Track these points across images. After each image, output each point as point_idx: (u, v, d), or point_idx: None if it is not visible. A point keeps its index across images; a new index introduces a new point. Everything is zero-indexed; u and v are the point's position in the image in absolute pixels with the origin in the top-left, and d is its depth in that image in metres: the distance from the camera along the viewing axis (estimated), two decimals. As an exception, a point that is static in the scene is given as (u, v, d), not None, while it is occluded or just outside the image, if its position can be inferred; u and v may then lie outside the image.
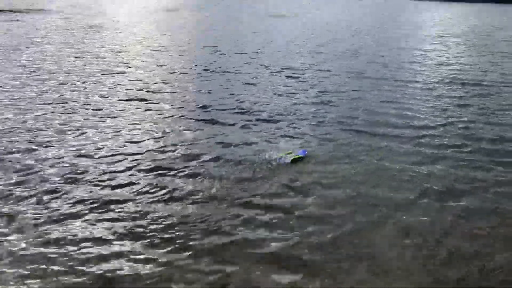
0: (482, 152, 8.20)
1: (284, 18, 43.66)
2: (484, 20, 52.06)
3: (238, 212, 5.78)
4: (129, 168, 7.04)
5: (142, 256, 4.82)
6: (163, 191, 6.30)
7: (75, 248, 4.91)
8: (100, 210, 5.73)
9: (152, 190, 6.31)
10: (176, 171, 6.98)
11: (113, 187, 6.39)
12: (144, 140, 8.31)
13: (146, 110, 10.36)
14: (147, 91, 12.11)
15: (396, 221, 5.67)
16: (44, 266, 4.59)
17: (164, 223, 5.48)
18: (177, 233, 5.27)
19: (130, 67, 15.57)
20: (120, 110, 10.22)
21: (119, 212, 5.72)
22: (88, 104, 10.58)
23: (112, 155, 7.56)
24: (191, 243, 5.08)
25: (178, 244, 5.04)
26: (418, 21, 47.54)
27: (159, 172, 6.94)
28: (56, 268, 4.57)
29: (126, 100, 11.10)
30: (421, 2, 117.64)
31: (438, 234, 5.40)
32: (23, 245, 4.92)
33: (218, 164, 7.28)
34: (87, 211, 5.70)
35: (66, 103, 10.63)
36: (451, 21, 48.47)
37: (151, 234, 5.23)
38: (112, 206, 5.84)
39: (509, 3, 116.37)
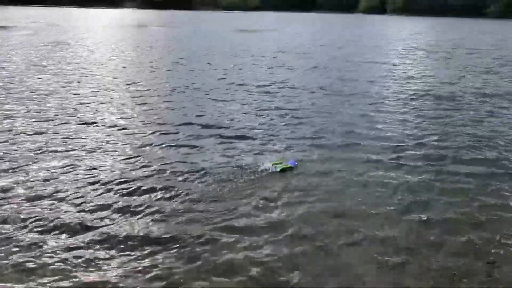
0: (457, 162, 8.33)
1: (255, 33, 44.00)
2: (450, 33, 54.04)
3: (217, 231, 5.51)
4: (105, 189, 6.69)
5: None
6: (144, 209, 6.03)
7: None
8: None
9: (133, 209, 6.03)
10: (153, 188, 6.74)
11: (86, 210, 6.01)
12: (117, 160, 7.94)
13: (116, 128, 9.97)
14: (117, 108, 11.72)
15: (374, 235, 5.54)
16: None
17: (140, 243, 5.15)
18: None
19: (100, 85, 15.11)
20: (90, 129, 9.81)
21: (92, 237, 5.34)
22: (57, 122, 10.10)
23: (83, 175, 7.18)
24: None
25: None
26: (387, 34, 48.88)
27: (135, 190, 6.65)
28: None
29: (96, 118, 10.69)
30: (391, 16, 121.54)
31: (417, 247, 5.30)
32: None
33: (201, 176, 7.19)
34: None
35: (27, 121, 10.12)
36: (419, 35, 50.05)
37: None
38: (85, 229, 5.47)
39: (478, 17, 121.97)
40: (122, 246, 5.19)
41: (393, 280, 4.72)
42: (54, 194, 6.48)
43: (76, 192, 6.58)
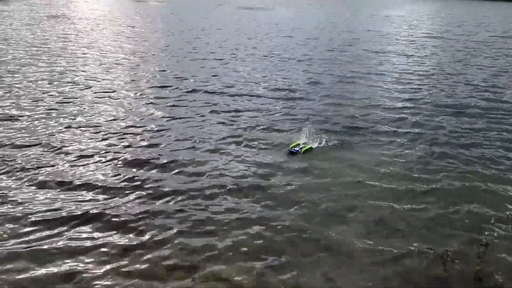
0: (467, 147, 8.46)
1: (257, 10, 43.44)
2: (453, 16, 53.39)
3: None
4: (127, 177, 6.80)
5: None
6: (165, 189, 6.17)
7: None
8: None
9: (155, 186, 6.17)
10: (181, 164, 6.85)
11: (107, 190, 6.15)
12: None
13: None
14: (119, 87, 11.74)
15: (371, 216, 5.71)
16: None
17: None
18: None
19: (101, 65, 15.05)
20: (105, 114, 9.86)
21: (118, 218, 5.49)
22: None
23: (100, 159, 7.29)
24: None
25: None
26: (391, 17, 48.26)
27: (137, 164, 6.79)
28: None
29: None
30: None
31: (412, 228, 5.48)
32: None
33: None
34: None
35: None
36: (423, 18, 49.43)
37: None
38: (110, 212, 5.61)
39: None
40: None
41: (386, 258, 4.90)
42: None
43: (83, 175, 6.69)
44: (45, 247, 4.82)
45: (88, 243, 4.94)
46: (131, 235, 5.12)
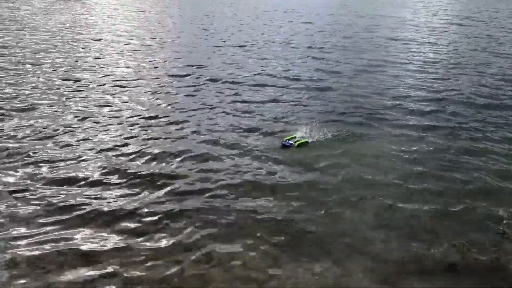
0: (479, 140, 8.19)
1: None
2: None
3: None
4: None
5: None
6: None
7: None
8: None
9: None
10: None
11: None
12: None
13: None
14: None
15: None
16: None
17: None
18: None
19: (116, 52, 15.13)
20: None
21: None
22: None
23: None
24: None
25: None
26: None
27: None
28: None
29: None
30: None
31: (425, 215, 5.41)
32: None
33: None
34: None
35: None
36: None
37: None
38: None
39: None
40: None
41: (400, 246, 4.87)
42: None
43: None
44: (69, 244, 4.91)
45: (108, 235, 5.01)
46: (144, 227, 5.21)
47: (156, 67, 12.61)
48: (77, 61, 12.65)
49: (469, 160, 7.19)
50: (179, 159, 6.81)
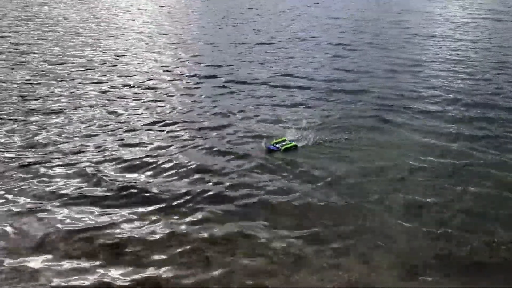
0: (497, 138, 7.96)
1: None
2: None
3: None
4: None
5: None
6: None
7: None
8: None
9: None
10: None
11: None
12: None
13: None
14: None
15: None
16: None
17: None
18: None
19: (140, 49, 15.42)
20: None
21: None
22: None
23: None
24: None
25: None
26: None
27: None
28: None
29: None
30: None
31: (455, 214, 5.34)
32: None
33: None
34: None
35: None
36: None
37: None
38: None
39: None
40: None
41: (426, 242, 4.84)
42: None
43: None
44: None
45: (135, 221, 5.26)
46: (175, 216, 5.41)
47: (178, 67, 12.61)
48: (101, 60, 12.97)
49: (501, 159, 7.00)
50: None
